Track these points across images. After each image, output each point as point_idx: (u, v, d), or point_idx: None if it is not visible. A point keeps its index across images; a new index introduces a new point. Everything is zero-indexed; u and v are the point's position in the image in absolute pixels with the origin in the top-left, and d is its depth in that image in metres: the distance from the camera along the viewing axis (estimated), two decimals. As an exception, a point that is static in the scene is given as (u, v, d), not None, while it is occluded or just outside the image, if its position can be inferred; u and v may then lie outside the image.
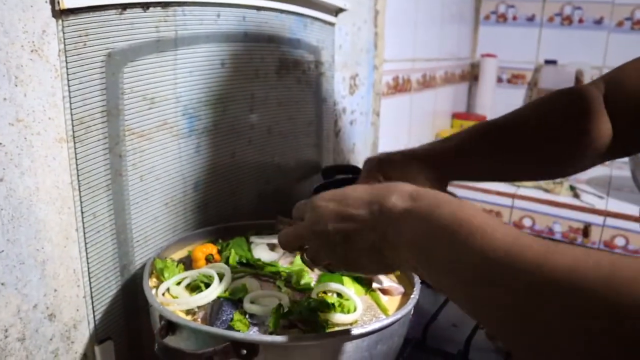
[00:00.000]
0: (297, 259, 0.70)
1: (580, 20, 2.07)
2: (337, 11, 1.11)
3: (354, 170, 1.10)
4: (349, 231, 0.47)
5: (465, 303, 0.39)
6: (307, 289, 0.65)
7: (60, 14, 0.58)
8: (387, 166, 0.70)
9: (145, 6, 0.68)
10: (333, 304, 0.61)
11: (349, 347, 0.56)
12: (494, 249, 0.35)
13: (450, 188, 0.81)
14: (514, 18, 2.19)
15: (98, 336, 0.70)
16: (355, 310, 0.62)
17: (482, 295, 0.36)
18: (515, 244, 0.34)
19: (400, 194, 0.44)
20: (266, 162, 0.98)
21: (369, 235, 0.46)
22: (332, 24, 1.10)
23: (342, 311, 0.61)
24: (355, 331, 0.55)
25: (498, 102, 2.19)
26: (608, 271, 0.30)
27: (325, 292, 0.66)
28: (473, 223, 0.37)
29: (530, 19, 2.16)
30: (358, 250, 0.47)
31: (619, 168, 1.91)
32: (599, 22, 2.04)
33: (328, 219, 0.49)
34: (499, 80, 2.24)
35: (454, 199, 0.42)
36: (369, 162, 0.72)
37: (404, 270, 0.48)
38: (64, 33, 0.59)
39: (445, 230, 0.39)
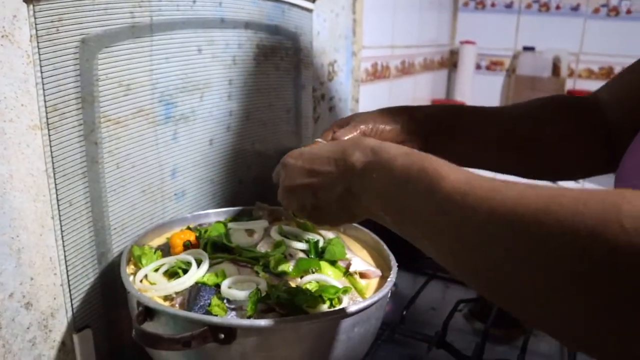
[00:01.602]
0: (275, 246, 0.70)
1: (558, 7, 2.09)
2: (314, -3, 1.11)
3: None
4: (316, 185, 0.52)
5: (428, 245, 0.41)
6: (285, 274, 0.66)
7: (32, -2, 0.58)
8: (357, 119, 0.70)
9: (119, -9, 0.68)
10: (315, 293, 0.61)
11: (326, 330, 0.56)
12: (448, 192, 0.38)
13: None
14: (493, 5, 2.20)
15: (76, 324, 0.70)
16: (340, 303, 0.62)
17: (441, 235, 0.39)
18: (467, 184, 0.37)
19: (362, 148, 0.48)
20: (245, 149, 0.97)
21: (335, 188, 0.50)
22: (309, 10, 1.10)
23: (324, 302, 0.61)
24: (332, 314, 0.56)
25: (477, 88, 2.20)
26: (547, 198, 0.32)
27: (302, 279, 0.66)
28: (429, 169, 0.40)
29: (509, 5, 2.17)
30: (326, 203, 0.52)
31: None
32: (575, 8, 2.05)
33: (297, 175, 0.54)
34: (478, 67, 2.26)
35: (413, 150, 0.45)
36: (340, 119, 0.73)
37: (370, 217, 0.52)
38: (35, 18, 0.58)
39: (405, 178, 0.42)
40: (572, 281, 0.29)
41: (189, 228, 0.78)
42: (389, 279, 0.65)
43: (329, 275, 0.67)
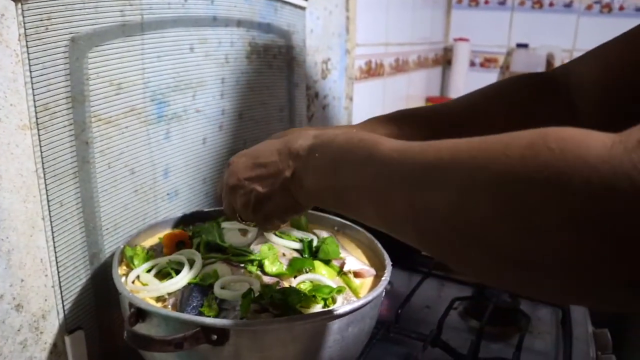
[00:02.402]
0: (264, 247, 0.70)
1: (551, 4, 2.09)
2: (307, -5, 1.10)
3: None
4: (262, 175, 0.53)
5: (372, 212, 0.42)
6: (279, 275, 0.65)
7: (20, -3, 0.57)
8: None
9: (109, -11, 0.67)
10: (309, 293, 0.61)
11: (320, 330, 0.56)
12: (387, 153, 0.40)
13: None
14: (486, 2, 2.20)
15: (68, 326, 0.69)
16: (334, 303, 0.62)
17: (386, 198, 0.40)
18: (403, 144, 0.39)
19: (304, 135, 0.50)
20: (238, 148, 0.97)
21: (280, 175, 0.51)
22: (302, 8, 1.09)
23: (318, 302, 0.61)
24: (326, 314, 0.55)
25: (471, 85, 2.19)
26: (478, 142, 0.33)
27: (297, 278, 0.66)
28: (368, 139, 0.43)
29: (502, 2, 2.17)
30: (271, 193, 0.52)
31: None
32: (568, 5, 2.06)
33: (240, 171, 0.55)
34: (472, 64, 2.26)
35: (351, 130, 0.48)
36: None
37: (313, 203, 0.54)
38: (24, 17, 0.58)
39: (346, 148, 0.44)
40: (510, 205, 0.30)
41: (181, 228, 0.77)
42: (383, 278, 0.65)
43: (323, 275, 0.66)
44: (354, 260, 0.71)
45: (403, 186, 0.37)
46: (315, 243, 0.72)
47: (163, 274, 0.65)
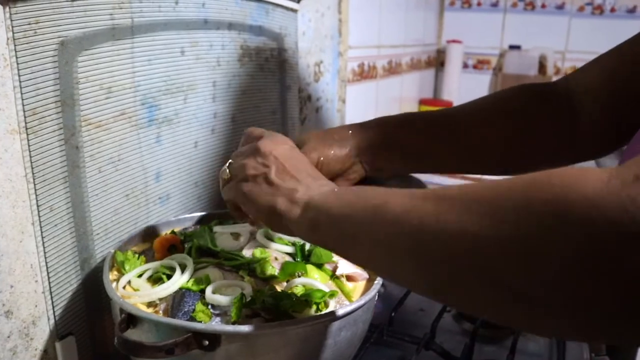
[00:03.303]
0: (256, 251, 0.69)
1: (543, 6, 2.10)
2: (299, -3, 1.10)
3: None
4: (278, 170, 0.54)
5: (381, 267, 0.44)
6: (271, 278, 0.65)
7: (7, 0, 0.56)
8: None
9: (99, -7, 0.67)
10: (301, 297, 0.61)
11: (313, 334, 0.55)
12: (396, 212, 0.40)
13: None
14: (479, 4, 2.20)
15: (59, 332, 0.68)
16: (326, 307, 0.62)
17: (393, 255, 0.41)
18: (406, 205, 0.39)
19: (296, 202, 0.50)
20: (231, 151, 0.96)
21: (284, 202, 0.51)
22: (294, 11, 1.09)
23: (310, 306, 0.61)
24: (319, 318, 0.55)
25: (464, 87, 2.20)
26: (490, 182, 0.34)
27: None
28: (372, 199, 0.43)
29: (495, 4, 2.17)
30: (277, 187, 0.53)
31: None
32: (560, 7, 2.06)
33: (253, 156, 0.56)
34: (465, 65, 2.26)
35: (337, 189, 0.49)
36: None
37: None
38: (12, 20, 0.57)
39: (348, 213, 0.45)
40: (513, 240, 0.30)
41: (173, 232, 0.77)
42: (375, 282, 0.64)
43: (316, 279, 0.66)
44: (347, 263, 0.70)
45: (408, 244, 0.38)
46: (307, 247, 0.72)
47: (154, 279, 0.65)
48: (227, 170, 0.59)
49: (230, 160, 0.60)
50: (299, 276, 0.66)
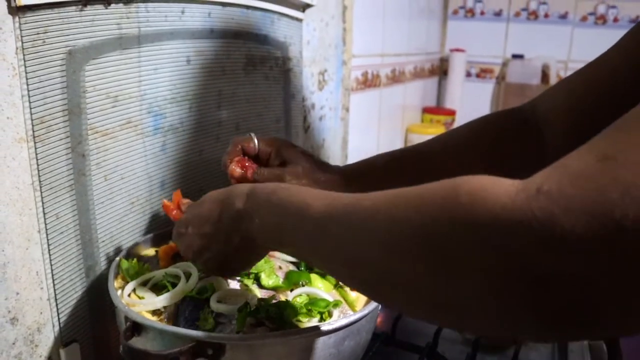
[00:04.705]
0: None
1: (546, 15, 2.10)
2: (304, 7, 1.11)
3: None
4: (212, 245, 0.56)
5: (319, 264, 0.47)
6: (275, 287, 0.65)
7: (17, 10, 0.57)
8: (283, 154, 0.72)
9: (107, 3, 0.67)
10: (305, 307, 0.61)
11: (316, 344, 0.56)
12: (316, 218, 0.42)
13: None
14: (482, 13, 2.21)
15: (63, 339, 0.69)
16: (330, 316, 0.62)
17: (322, 254, 0.43)
18: (329, 206, 0.41)
19: (239, 196, 0.52)
20: (234, 159, 0.97)
21: (230, 241, 0.53)
22: (299, 20, 1.10)
23: (314, 316, 0.61)
24: (322, 328, 0.55)
25: (467, 96, 2.21)
26: (392, 198, 0.36)
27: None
28: (295, 202, 0.45)
29: (498, 13, 2.18)
30: (230, 255, 0.55)
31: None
32: (563, 17, 2.07)
33: (192, 242, 0.58)
34: (468, 74, 2.27)
35: (278, 185, 0.50)
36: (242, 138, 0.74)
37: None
38: (21, 30, 0.58)
39: (282, 214, 0.47)
40: (429, 258, 0.32)
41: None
42: (379, 291, 0.65)
43: (319, 288, 0.66)
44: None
45: (337, 249, 0.40)
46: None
47: (159, 287, 0.65)
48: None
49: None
50: (303, 285, 0.66)
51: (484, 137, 0.70)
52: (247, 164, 0.70)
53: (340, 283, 0.69)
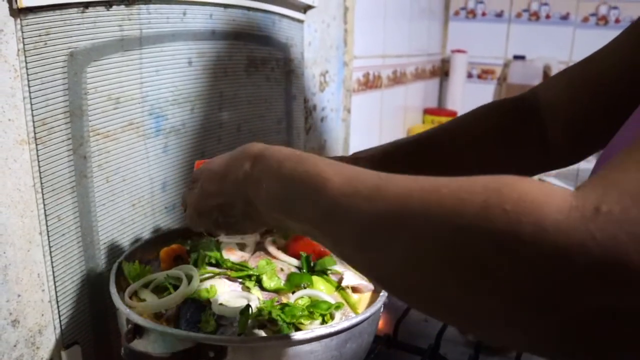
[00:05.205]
0: (262, 262, 0.69)
1: (547, 16, 2.10)
2: (305, 8, 1.11)
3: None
4: (220, 206, 0.51)
5: (329, 245, 0.41)
6: (277, 290, 0.65)
7: (19, 12, 0.57)
8: None
9: (108, 4, 0.67)
10: (308, 309, 0.61)
11: (318, 346, 0.56)
12: (333, 195, 0.37)
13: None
14: (483, 14, 2.21)
15: (65, 341, 0.69)
16: (332, 319, 0.62)
17: (336, 238, 0.39)
18: (351, 185, 0.37)
19: (249, 157, 0.48)
20: (236, 160, 0.97)
21: (235, 204, 0.49)
22: (300, 21, 1.10)
23: (316, 318, 0.61)
24: (324, 330, 0.55)
25: (468, 97, 2.21)
26: (430, 191, 0.32)
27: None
28: (312, 173, 0.40)
29: (499, 15, 2.18)
30: (233, 217, 0.51)
31: (587, 161, 1.95)
32: (565, 17, 2.07)
33: (201, 198, 0.53)
34: (469, 75, 2.26)
35: (295, 152, 0.45)
36: None
37: (275, 226, 0.58)
38: (22, 32, 0.58)
39: (291, 184, 0.42)
40: (460, 267, 0.29)
41: (179, 242, 0.77)
42: (381, 294, 0.65)
43: (321, 290, 0.66)
44: (352, 275, 0.70)
45: (353, 233, 0.36)
46: (313, 258, 0.72)
47: (161, 289, 0.65)
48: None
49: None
50: (305, 288, 0.66)
51: (491, 124, 0.69)
52: None
53: (342, 285, 0.68)
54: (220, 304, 0.60)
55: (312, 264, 0.71)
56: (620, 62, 0.58)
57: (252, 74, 0.97)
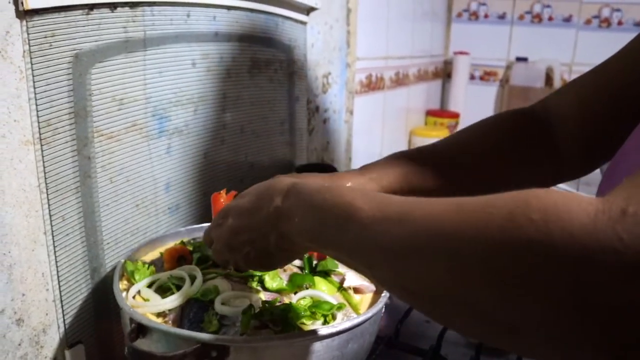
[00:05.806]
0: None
1: (550, 18, 2.10)
2: (308, 10, 1.11)
3: (328, 168, 1.10)
4: (251, 240, 0.53)
5: (363, 269, 0.42)
6: (279, 290, 0.66)
7: (25, 14, 0.57)
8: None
9: (113, 6, 0.68)
10: (309, 310, 0.61)
11: (320, 347, 0.56)
12: (365, 224, 0.39)
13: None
14: (486, 16, 2.21)
15: (68, 340, 0.69)
16: (334, 319, 0.62)
17: (370, 262, 0.40)
18: (380, 211, 0.38)
19: (279, 192, 0.49)
20: (239, 161, 0.97)
21: (268, 237, 0.51)
22: (303, 23, 1.10)
23: (318, 318, 0.61)
24: (326, 331, 0.55)
25: (471, 99, 2.21)
26: (455, 209, 0.32)
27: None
28: (342, 203, 0.41)
29: (502, 16, 2.18)
30: (265, 251, 0.52)
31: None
32: (567, 19, 2.07)
33: (230, 233, 0.55)
34: (472, 77, 2.27)
35: (321, 185, 0.46)
36: None
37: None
38: (28, 34, 0.58)
39: (323, 216, 0.43)
40: (495, 277, 0.29)
41: (182, 242, 0.77)
42: (383, 294, 0.65)
43: (323, 291, 0.66)
44: (354, 275, 0.71)
45: (386, 257, 0.37)
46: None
47: (164, 289, 0.65)
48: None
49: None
50: (307, 288, 0.67)
51: (503, 136, 0.68)
52: None
53: (344, 286, 0.69)
54: (223, 304, 0.60)
55: (314, 265, 0.71)
56: (631, 68, 0.58)
57: (255, 75, 0.97)
